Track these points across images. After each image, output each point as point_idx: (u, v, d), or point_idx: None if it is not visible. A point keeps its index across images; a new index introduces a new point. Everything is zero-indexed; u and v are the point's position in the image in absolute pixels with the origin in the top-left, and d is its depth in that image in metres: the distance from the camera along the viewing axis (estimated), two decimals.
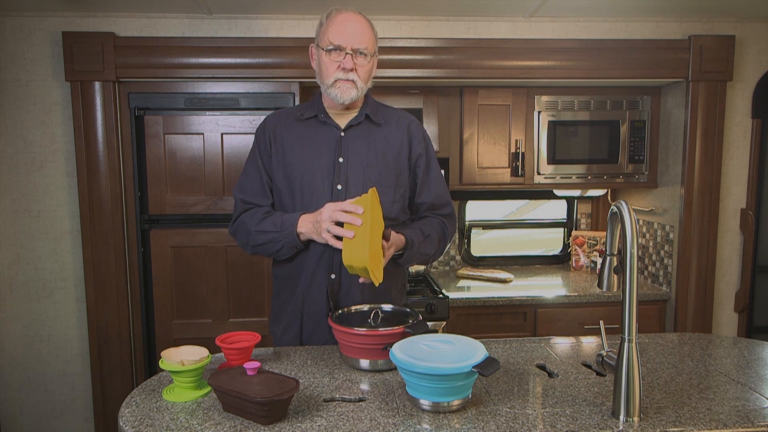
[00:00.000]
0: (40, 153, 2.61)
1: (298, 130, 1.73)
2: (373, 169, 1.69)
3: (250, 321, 2.62)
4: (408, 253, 1.64)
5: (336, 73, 1.63)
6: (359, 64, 1.63)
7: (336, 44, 1.61)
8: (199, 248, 2.59)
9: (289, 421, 1.19)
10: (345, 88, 1.64)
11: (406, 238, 1.63)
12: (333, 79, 1.63)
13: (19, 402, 2.74)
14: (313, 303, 1.70)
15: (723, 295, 2.93)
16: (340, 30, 1.61)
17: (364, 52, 1.63)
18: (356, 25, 1.62)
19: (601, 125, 2.92)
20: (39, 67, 2.56)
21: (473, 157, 2.89)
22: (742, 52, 2.77)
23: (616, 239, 1.25)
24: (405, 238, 1.62)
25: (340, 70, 1.62)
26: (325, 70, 1.65)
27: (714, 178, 2.74)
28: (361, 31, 1.62)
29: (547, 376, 1.43)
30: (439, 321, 2.63)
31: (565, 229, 3.48)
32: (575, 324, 2.76)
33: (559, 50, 2.65)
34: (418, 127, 1.78)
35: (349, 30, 1.61)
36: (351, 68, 1.62)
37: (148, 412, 1.25)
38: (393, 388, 1.34)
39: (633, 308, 1.18)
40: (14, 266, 2.66)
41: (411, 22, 2.68)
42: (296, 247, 1.65)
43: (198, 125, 2.54)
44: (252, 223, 1.68)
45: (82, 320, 2.69)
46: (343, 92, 1.64)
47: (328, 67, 1.64)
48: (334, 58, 1.62)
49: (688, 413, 1.22)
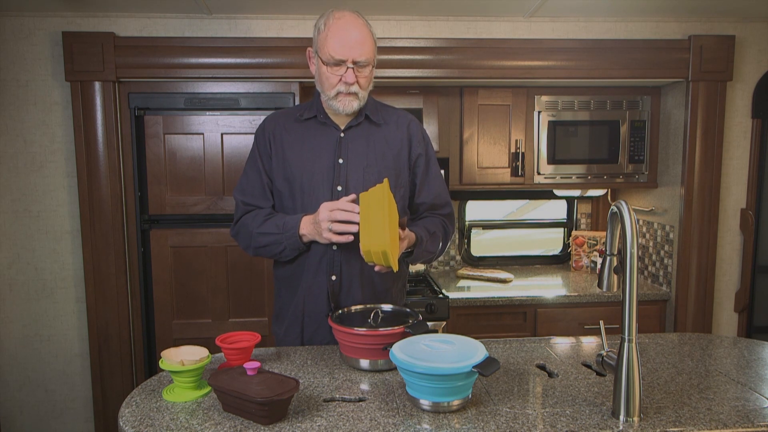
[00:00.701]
0: (40, 153, 2.61)
1: (298, 131, 1.73)
2: (373, 170, 1.69)
3: (250, 321, 2.62)
4: (417, 250, 1.64)
5: (338, 87, 1.61)
6: (361, 75, 1.62)
7: (337, 59, 1.58)
8: (199, 248, 2.59)
9: (289, 421, 1.19)
10: (347, 102, 1.63)
11: (417, 235, 1.63)
12: (335, 92, 1.62)
13: (19, 402, 2.74)
14: (314, 304, 1.70)
15: (723, 295, 2.93)
16: (341, 42, 1.57)
17: (365, 63, 1.61)
18: (357, 35, 1.58)
19: (601, 125, 2.92)
20: (39, 67, 2.56)
21: (473, 157, 2.89)
22: (742, 52, 2.77)
23: (616, 239, 1.25)
24: (415, 235, 1.63)
25: (342, 83, 1.60)
26: (326, 81, 1.63)
27: (714, 178, 2.74)
28: (362, 42, 1.59)
29: (547, 376, 1.43)
30: (439, 321, 2.63)
31: (565, 229, 3.48)
32: (575, 324, 2.76)
33: (559, 50, 2.65)
34: (417, 126, 1.78)
35: (349, 42, 1.57)
36: (353, 82, 1.60)
37: (148, 412, 1.25)
38: (393, 388, 1.34)
39: (633, 308, 1.18)
40: (14, 266, 2.66)
41: (411, 22, 2.68)
42: (299, 249, 1.65)
43: (198, 125, 2.54)
44: (254, 225, 1.68)
45: (82, 320, 2.69)
46: (346, 105, 1.63)
47: (330, 79, 1.61)
48: (335, 72, 1.60)
49: (688, 413, 1.22)
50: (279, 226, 1.63)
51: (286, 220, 1.63)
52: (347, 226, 1.50)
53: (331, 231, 1.52)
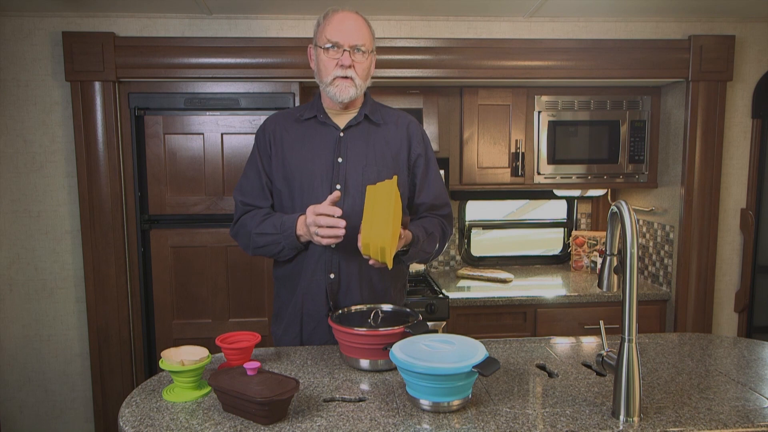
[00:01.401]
0: (40, 153, 2.61)
1: (298, 131, 1.73)
2: (372, 169, 1.69)
3: (250, 321, 2.62)
4: (413, 249, 1.64)
5: (334, 71, 1.63)
6: (357, 60, 1.64)
7: (334, 41, 1.62)
8: (199, 248, 2.59)
9: (289, 421, 1.19)
10: (344, 87, 1.64)
11: (413, 234, 1.63)
12: (331, 77, 1.64)
13: (19, 402, 2.74)
14: (313, 303, 1.70)
15: (723, 295, 2.93)
16: (338, 28, 1.62)
17: (362, 49, 1.64)
18: (353, 23, 1.64)
19: (601, 125, 2.92)
20: (39, 67, 2.56)
21: (473, 157, 2.89)
22: (742, 52, 2.77)
23: (616, 239, 1.25)
24: (411, 234, 1.63)
25: (338, 67, 1.63)
26: (324, 68, 1.65)
27: (714, 178, 2.74)
28: (358, 29, 1.64)
29: (547, 376, 1.43)
30: (439, 321, 2.63)
31: (565, 229, 3.48)
32: (575, 324, 2.75)
33: (559, 50, 2.65)
34: (417, 127, 1.79)
35: (346, 28, 1.63)
36: (349, 65, 1.62)
37: (148, 412, 1.25)
38: (393, 388, 1.34)
39: (633, 308, 1.18)
40: (14, 266, 2.66)
41: (411, 22, 2.68)
42: (297, 248, 1.66)
43: (198, 125, 2.54)
44: (252, 225, 1.68)
45: (82, 320, 2.69)
46: (342, 91, 1.64)
47: (327, 65, 1.64)
48: (332, 56, 1.63)
49: (688, 413, 1.22)
50: (277, 226, 1.64)
51: (283, 220, 1.64)
52: (332, 230, 1.50)
53: (318, 236, 1.52)
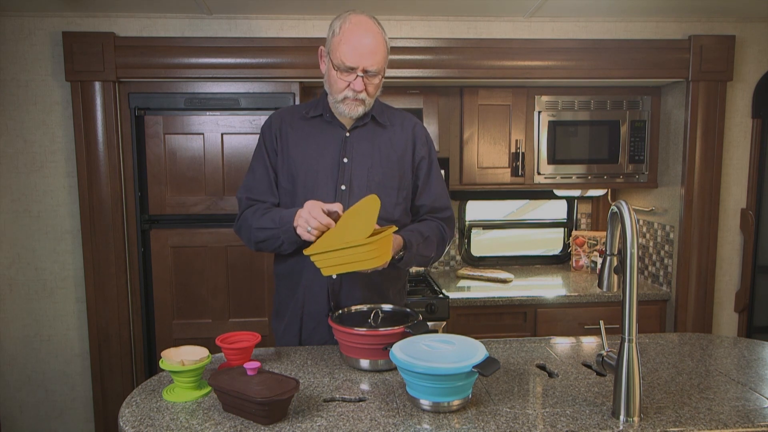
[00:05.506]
0: (40, 153, 2.61)
1: (303, 129, 1.73)
2: (377, 171, 1.69)
3: (250, 321, 2.62)
4: (407, 254, 1.63)
5: (345, 92, 1.63)
6: (370, 83, 1.63)
7: (348, 66, 1.59)
8: (199, 248, 2.59)
9: (289, 421, 1.19)
10: (353, 106, 1.64)
11: (405, 240, 1.62)
12: (342, 96, 1.63)
13: (19, 402, 2.74)
14: (314, 302, 1.70)
15: (723, 295, 2.93)
16: (353, 49, 1.58)
17: (376, 73, 1.62)
18: (371, 42, 1.59)
19: (601, 125, 2.92)
20: (39, 67, 2.56)
21: (473, 157, 2.89)
22: (742, 52, 2.77)
23: (616, 239, 1.25)
24: (403, 239, 1.62)
25: (349, 89, 1.62)
26: (335, 85, 1.64)
27: (714, 178, 2.74)
28: (374, 51, 1.59)
29: (547, 376, 1.43)
30: (439, 321, 2.63)
31: (565, 229, 3.48)
32: (575, 324, 2.75)
33: (559, 50, 2.65)
34: (422, 130, 1.79)
35: (361, 50, 1.58)
36: (361, 90, 1.61)
37: (149, 412, 1.25)
38: (393, 388, 1.34)
39: (633, 308, 1.18)
40: (14, 266, 2.66)
41: (411, 22, 2.68)
42: (297, 243, 1.64)
43: (198, 125, 2.54)
44: (253, 220, 1.68)
45: (82, 320, 2.69)
46: (351, 109, 1.65)
47: (338, 83, 1.63)
48: (345, 78, 1.61)
49: (688, 413, 1.22)
50: (275, 221, 1.63)
51: (282, 215, 1.63)
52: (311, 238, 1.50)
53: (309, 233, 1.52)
